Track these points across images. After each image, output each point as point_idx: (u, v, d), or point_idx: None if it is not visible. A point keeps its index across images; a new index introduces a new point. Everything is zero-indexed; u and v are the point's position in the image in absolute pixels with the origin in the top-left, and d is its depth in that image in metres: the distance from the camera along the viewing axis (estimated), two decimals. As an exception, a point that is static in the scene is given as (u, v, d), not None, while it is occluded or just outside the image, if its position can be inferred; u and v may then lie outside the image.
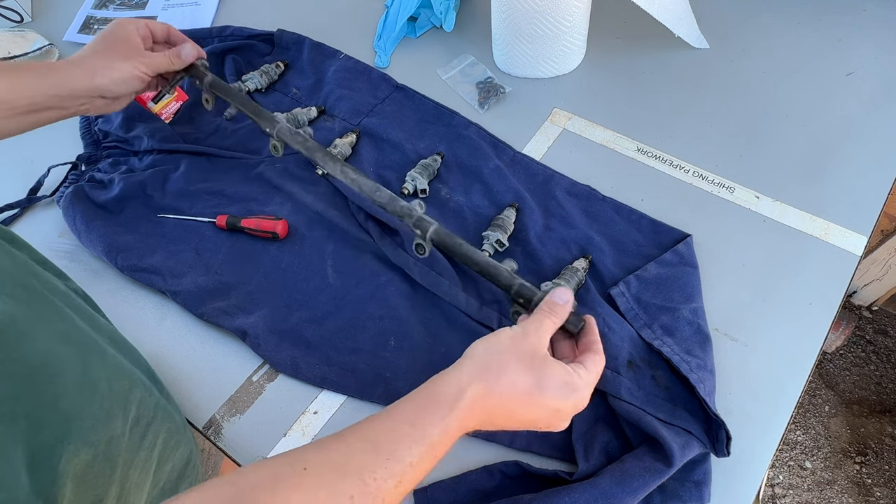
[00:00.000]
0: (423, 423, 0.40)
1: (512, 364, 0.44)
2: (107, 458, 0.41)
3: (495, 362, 0.44)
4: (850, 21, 0.87)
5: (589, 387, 0.47)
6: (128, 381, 0.47)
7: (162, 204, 0.74)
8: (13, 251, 0.43)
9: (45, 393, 0.36)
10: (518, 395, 0.44)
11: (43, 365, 0.37)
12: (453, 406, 0.41)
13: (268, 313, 0.65)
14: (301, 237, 0.71)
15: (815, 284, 0.65)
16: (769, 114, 0.79)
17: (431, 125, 0.80)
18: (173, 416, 0.53)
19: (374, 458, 0.38)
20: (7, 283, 0.38)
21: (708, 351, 0.59)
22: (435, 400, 0.42)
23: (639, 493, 0.50)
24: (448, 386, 0.43)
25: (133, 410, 0.46)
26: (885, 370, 1.57)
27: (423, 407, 0.41)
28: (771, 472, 1.45)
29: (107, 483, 0.41)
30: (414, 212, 0.60)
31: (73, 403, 0.39)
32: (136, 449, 0.46)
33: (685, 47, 0.85)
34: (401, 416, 0.41)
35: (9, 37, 0.90)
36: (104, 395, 0.42)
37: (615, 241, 0.68)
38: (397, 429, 0.40)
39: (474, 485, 0.55)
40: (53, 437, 0.37)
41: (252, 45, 0.90)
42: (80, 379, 0.40)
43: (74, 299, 0.48)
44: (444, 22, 0.88)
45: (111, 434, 0.42)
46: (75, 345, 0.41)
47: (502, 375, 0.43)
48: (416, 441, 0.40)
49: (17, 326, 0.35)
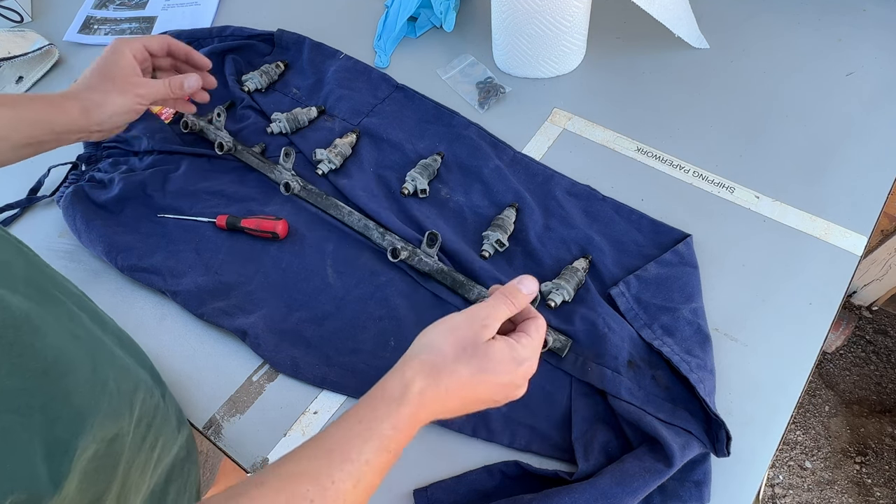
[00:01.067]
0: (372, 420, 0.41)
1: (450, 356, 0.44)
2: (110, 456, 0.42)
3: (436, 355, 0.44)
4: (850, 21, 0.87)
5: (536, 352, 0.47)
6: (133, 382, 0.47)
7: (162, 204, 0.74)
8: (25, 251, 0.44)
9: (59, 388, 0.37)
10: (463, 383, 0.44)
11: (56, 361, 0.37)
12: (401, 401, 0.42)
13: (268, 313, 0.65)
14: (301, 237, 0.71)
15: (815, 284, 0.65)
16: (769, 114, 0.79)
17: (431, 125, 0.80)
18: (170, 419, 0.54)
19: (329, 461, 0.39)
20: (20, 282, 0.38)
21: (708, 351, 0.59)
22: (383, 397, 0.43)
23: (639, 493, 0.50)
24: (394, 382, 0.44)
25: (137, 410, 0.46)
26: (885, 370, 1.57)
27: (371, 406, 0.42)
28: (771, 472, 1.45)
29: (108, 481, 0.42)
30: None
31: (84, 400, 0.39)
32: (138, 449, 0.46)
33: (685, 47, 0.85)
34: (352, 418, 0.42)
35: (9, 37, 0.90)
36: (112, 394, 0.43)
37: (615, 241, 0.68)
38: (349, 429, 0.41)
39: (474, 485, 0.55)
40: (67, 432, 0.37)
41: (252, 45, 0.90)
42: (90, 376, 0.40)
43: (84, 300, 0.48)
44: (444, 22, 0.88)
45: (117, 432, 0.42)
46: (85, 344, 0.42)
47: (443, 369, 0.44)
48: (367, 439, 0.40)
49: (32, 322, 0.36)
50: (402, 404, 0.42)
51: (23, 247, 0.44)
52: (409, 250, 0.66)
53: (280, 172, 0.74)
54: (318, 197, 0.72)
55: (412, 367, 0.44)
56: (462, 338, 0.45)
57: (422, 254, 0.66)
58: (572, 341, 0.60)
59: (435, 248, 0.65)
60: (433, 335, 0.46)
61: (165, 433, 0.52)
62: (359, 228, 0.69)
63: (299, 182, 0.73)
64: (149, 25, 0.99)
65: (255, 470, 0.57)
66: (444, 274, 0.65)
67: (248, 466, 0.58)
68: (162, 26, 0.98)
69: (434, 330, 0.46)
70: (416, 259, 0.66)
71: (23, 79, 0.91)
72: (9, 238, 0.42)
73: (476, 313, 0.47)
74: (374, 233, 0.68)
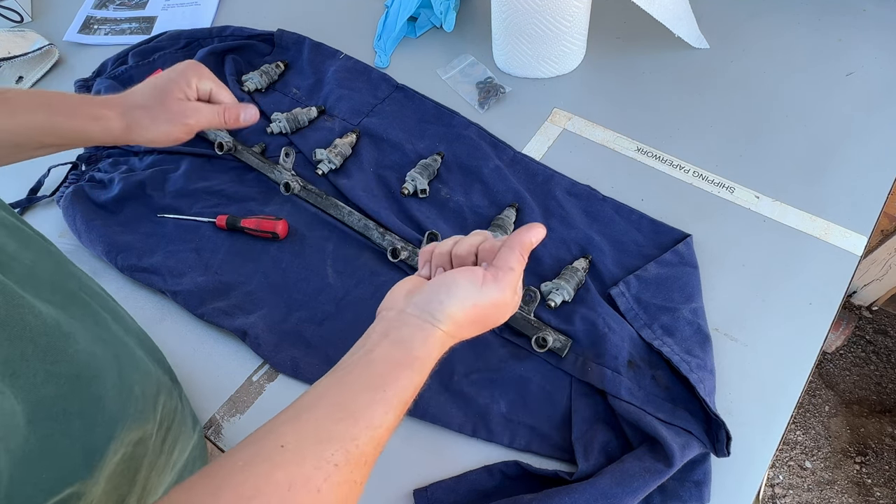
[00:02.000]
0: (398, 388, 0.40)
1: (469, 328, 0.45)
2: (135, 459, 0.42)
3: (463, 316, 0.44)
4: (850, 21, 0.87)
5: (514, 273, 0.45)
6: (155, 385, 0.47)
7: (162, 204, 0.74)
8: (53, 250, 0.43)
9: (91, 394, 0.37)
10: (475, 325, 0.45)
11: (87, 366, 0.37)
12: (424, 366, 0.42)
13: (268, 313, 0.65)
14: (301, 237, 0.71)
15: (815, 284, 0.65)
16: (769, 114, 0.79)
17: (431, 125, 0.80)
18: (186, 420, 0.54)
19: (353, 424, 0.38)
20: (46, 289, 0.38)
21: (708, 351, 0.59)
22: (408, 365, 0.42)
23: (639, 493, 0.50)
24: (416, 348, 0.42)
25: (159, 413, 0.46)
26: (885, 370, 1.57)
27: (396, 375, 0.41)
28: (771, 472, 1.45)
29: (131, 483, 0.42)
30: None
31: (114, 404, 0.39)
32: (159, 452, 0.47)
33: (685, 47, 0.85)
34: (373, 384, 0.41)
35: (9, 37, 0.90)
36: (138, 398, 0.43)
37: (615, 241, 0.68)
38: (373, 397, 0.40)
39: (474, 485, 0.55)
40: (103, 436, 0.37)
41: (252, 45, 0.90)
42: (116, 381, 0.40)
43: (108, 301, 0.47)
44: (444, 22, 0.88)
45: (142, 435, 0.43)
46: (111, 348, 0.42)
47: (464, 325, 0.44)
48: (392, 406, 0.40)
49: (62, 328, 0.36)
50: (424, 370, 0.42)
51: (50, 245, 0.43)
52: (409, 250, 0.66)
53: (280, 172, 0.74)
54: (317, 197, 0.72)
55: (429, 322, 0.43)
56: (483, 314, 0.45)
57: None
58: (572, 341, 0.60)
59: None
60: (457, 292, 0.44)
61: (183, 434, 0.52)
62: (359, 228, 0.69)
63: (299, 182, 0.73)
64: (149, 25, 0.99)
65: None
66: None
67: (248, 466, 0.58)
68: (162, 26, 0.98)
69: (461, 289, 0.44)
70: (416, 259, 0.65)
71: (23, 79, 0.91)
72: (35, 237, 0.42)
73: (504, 290, 0.45)
74: (374, 233, 0.68)
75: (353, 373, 0.42)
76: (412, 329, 0.43)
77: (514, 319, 0.60)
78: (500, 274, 0.44)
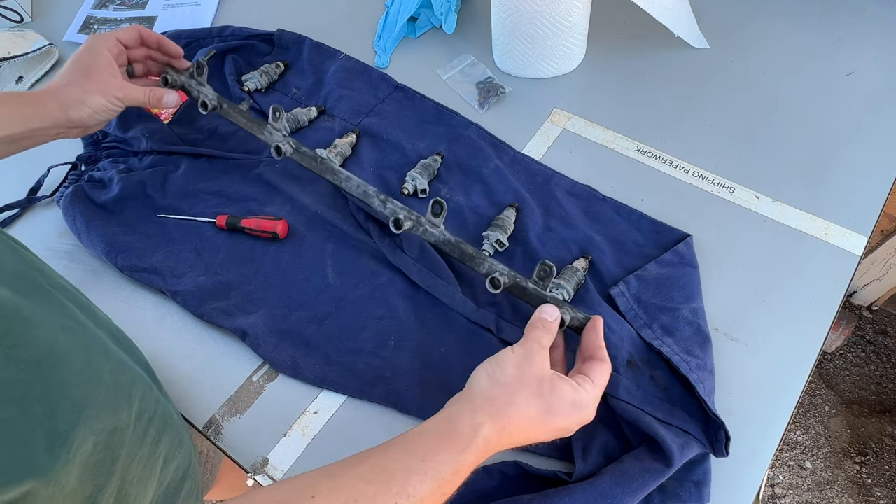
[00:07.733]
0: (436, 461, 0.41)
1: (522, 394, 0.45)
2: (110, 449, 0.42)
3: (504, 395, 0.45)
4: (851, 21, 0.87)
5: (596, 401, 0.48)
6: (130, 376, 0.47)
7: (162, 204, 0.74)
8: (14, 246, 0.43)
9: (54, 379, 0.37)
10: (530, 423, 0.45)
11: (49, 352, 0.37)
12: (467, 446, 0.42)
13: (268, 313, 0.65)
14: (301, 237, 0.71)
15: (815, 284, 0.65)
16: (769, 114, 0.79)
17: (431, 125, 0.80)
18: (172, 415, 0.54)
19: (386, 489, 0.39)
20: (7, 276, 0.38)
21: (708, 351, 0.59)
22: (450, 438, 0.42)
23: (638, 493, 0.50)
24: (462, 425, 0.43)
25: (136, 404, 0.46)
26: (885, 370, 1.57)
27: (436, 446, 0.42)
28: (771, 472, 1.45)
29: (108, 474, 0.42)
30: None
31: (81, 391, 0.39)
32: (139, 443, 0.46)
33: (685, 47, 0.85)
34: (413, 450, 0.41)
35: (9, 37, 0.90)
36: (108, 386, 0.42)
37: (615, 241, 0.68)
38: (409, 463, 0.40)
39: (474, 485, 0.55)
40: (66, 423, 0.37)
41: (252, 45, 0.90)
42: (84, 368, 0.40)
43: (77, 295, 0.48)
44: (445, 24, 0.88)
45: (116, 425, 0.42)
46: (78, 337, 0.42)
47: (513, 410, 0.44)
48: (428, 478, 0.40)
49: (22, 314, 0.36)
50: (467, 451, 0.42)
51: (12, 241, 0.44)
52: (412, 219, 0.63)
53: (270, 133, 0.71)
54: (312, 161, 0.69)
55: (482, 408, 0.44)
56: (527, 373, 0.45)
57: (427, 223, 0.62)
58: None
59: (441, 217, 0.62)
60: (496, 370, 0.46)
61: (170, 430, 0.52)
62: (358, 195, 0.66)
63: (291, 144, 0.69)
64: (149, 25, 0.99)
65: (255, 470, 0.57)
66: (451, 245, 0.61)
67: (247, 466, 0.58)
68: (162, 26, 0.98)
69: (495, 366, 0.47)
70: (420, 229, 0.63)
71: (23, 79, 0.91)
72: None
73: (527, 348, 0.47)
74: (374, 200, 0.65)
75: (402, 438, 0.43)
76: (462, 407, 0.45)
77: (530, 297, 0.57)
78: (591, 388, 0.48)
